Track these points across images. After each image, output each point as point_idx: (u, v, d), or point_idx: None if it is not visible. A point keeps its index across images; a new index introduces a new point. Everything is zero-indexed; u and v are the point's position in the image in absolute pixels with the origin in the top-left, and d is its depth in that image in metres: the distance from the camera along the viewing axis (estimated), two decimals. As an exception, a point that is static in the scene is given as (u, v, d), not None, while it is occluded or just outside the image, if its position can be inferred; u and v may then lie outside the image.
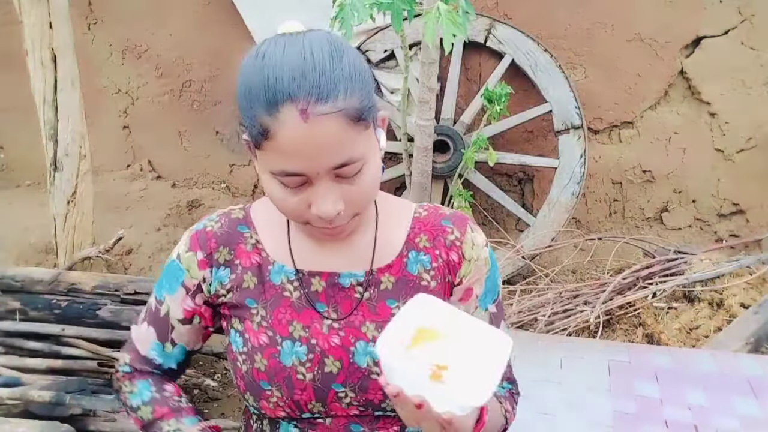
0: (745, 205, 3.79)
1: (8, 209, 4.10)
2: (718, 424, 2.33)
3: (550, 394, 2.54)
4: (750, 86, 3.61)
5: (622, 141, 3.88)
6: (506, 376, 1.02)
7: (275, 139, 0.79)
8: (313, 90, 0.77)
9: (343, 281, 0.94)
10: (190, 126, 4.50)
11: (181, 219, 4.21)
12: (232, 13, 4.00)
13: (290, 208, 0.85)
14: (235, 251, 0.96)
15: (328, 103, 0.78)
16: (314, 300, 0.93)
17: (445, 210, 1.00)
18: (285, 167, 0.81)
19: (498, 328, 0.98)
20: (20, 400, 2.36)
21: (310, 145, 0.78)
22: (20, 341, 2.66)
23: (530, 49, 3.61)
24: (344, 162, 0.80)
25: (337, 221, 0.85)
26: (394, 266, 0.95)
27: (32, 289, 2.80)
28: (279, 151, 0.80)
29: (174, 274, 0.97)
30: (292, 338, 0.92)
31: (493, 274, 0.99)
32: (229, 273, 0.95)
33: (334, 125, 0.78)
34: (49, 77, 2.97)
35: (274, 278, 0.94)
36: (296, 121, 0.77)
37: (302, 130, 0.78)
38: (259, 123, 0.80)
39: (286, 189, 0.83)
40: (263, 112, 0.79)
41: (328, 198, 0.82)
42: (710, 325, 3.07)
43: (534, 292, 3.44)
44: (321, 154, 0.79)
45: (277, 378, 0.91)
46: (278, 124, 0.78)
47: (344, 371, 0.91)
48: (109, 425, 2.40)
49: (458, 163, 3.62)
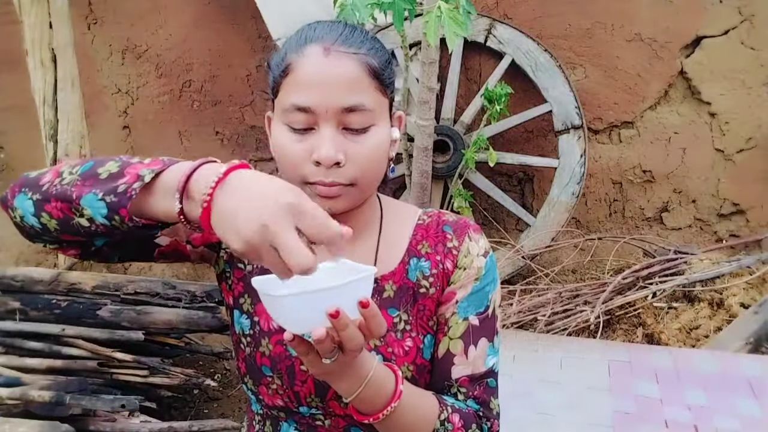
0: (745, 205, 3.79)
1: (8, 209, 4.10)
2: (718, 424, 2.34)
3: (550, 394, 2.54)
4: (750, 86, 3.61)
5: (622, 141, 3.88)
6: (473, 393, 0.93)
7: (295, 71, 0.84)
8: (340, 37, 0.85)
9: None
10: (190, 126, 4.49)
11: (181, 219, 4.20)
12: (232, 13, 3.99)
13: (292, 157, 0.85)
14: None
15: (351, 47, 0.84)
16: None
17: (449, 216, 0.98)
18: (297, 100, 0.83)
19: (475, 344, 0.93)
20: (20, 400, 2.36)
21: (326, 79, 0.82)
22: (20, 341, 2.66)
23: (530, 49, 3.61)
24: (354, 105, 0.83)
25: (334, 176, 0.84)
26: (397, 273, 0.94)
27: (32, 289, 2.80)
28: (295, 84, 0.83)
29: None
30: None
31: (483, 285, 0.94)
32: None
33: (351, 65, 0.83)
34: (49, 77, 2.98)
35: None
36: (318, 54, 0.83)
37: (322, 64, 0.83)
38: (285, 62, 0.85)
39: (293, 134, 0.85)
40: (291, 52, 0.85)
41: (330, 143, 0.83)
42: (710, 325, 3.07)
43: (534, 292, 3.44)
44: (334, 89, 0.82)
45: (280, 365, 0.91)
46: (302, 58, 0.84)
47: None
48: (109, 425, 2.40)
49: (458, 163, 3.62)
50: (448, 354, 0.93)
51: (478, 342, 0.93)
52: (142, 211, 0.72)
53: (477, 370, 0.93)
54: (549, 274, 3.57)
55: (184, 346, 2.82)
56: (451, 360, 0.93)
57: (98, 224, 0.74)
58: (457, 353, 0.93)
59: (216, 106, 4.42)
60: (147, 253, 0.90)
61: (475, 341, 0.93)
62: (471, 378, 0.93)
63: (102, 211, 0.73)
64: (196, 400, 2.90)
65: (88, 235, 0.77)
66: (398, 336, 0.91)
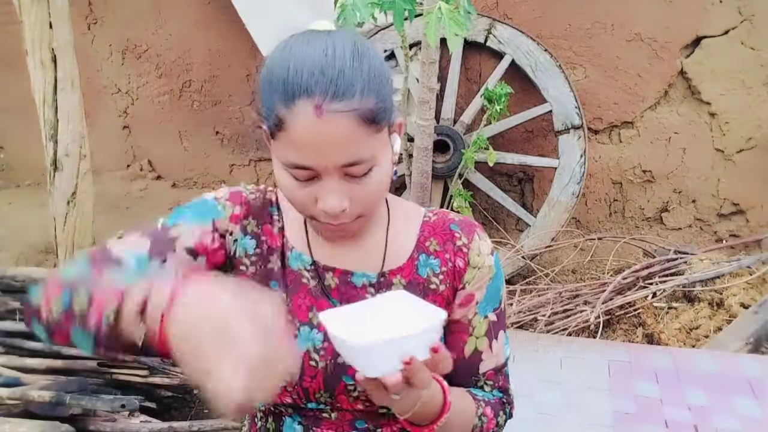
0: (745, 205, 3.79)
1: (8, 209, 4.10)
2: (718, 424, 2.34)
3: (550, 394, 2.54)
4: (750, 86, 3.61)
5: (622, 141, 3.88)
6: (498, 384, 1.01)
7: (288, 131, 0.81)
8: (330, 87, 0.79)
9: (356, 281, 0.95)
10: (190, 126, 4.50)
11: (181, 219, 4.20)
12: (232, 13, 3.99)
13: (298, 201, 0.87)
14: (263, 228, 0.97)
15: (342, 101, 0.79)
16: (328, 294, 0.95)
17: (454, 215, 1.01)
18: (296, 160, 0.82)
19: (496, 338, 0.99)
20: (20, 400, 2.36)
21: (321, 141, 0.80)
22: (20, 341, 2.66)
23: (530, 49, 3.61)
24: (353, 161, 0.82)
25: (342, 219, 0.86)
26: (405, 269, 0.96)
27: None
28: (291, 144, 0.82)
29: (208, 208, 0.95)
30: (311, 324, 0.93)
31: (495, 282, 0.99)
32: (255, 245, 0.96)
33: (346, 124, 0.80)
34: (49, 77, 2.97)
35: (292, 264, 0.96)
36: (310, 116, 0.79)
37: (315, 126, 0.79)
38: (275, 113, 0.82)
39: (296, 181, 0.85)
40: (280, 103, 0.81)
41: (334, 194, 0.83)
42: (710, 325, 3.07)
43: (534, 292, 3.44)
44: (331, 151, 0.81)
45: None
46: (293, 117, 0.80)
47: None
48: (109, 425, 2.40)
49: (458, 163, 3.62)
50: (476, 353, 0.99)
51: (498, 335, 1.00)
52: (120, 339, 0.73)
53: (500, 362, 1.01)
54: (549, 274, 3.57)
55: (184, 346, 2.81)
56: (480, 357, 0.99)
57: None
58: (483, 350, 0.99)
59: (216, 106, 4.42)
60: None
61: (496, 335, 1.00)
62: (495, 370, 1.00)
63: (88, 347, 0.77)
64: (196, 400, 2.90)
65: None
66: None
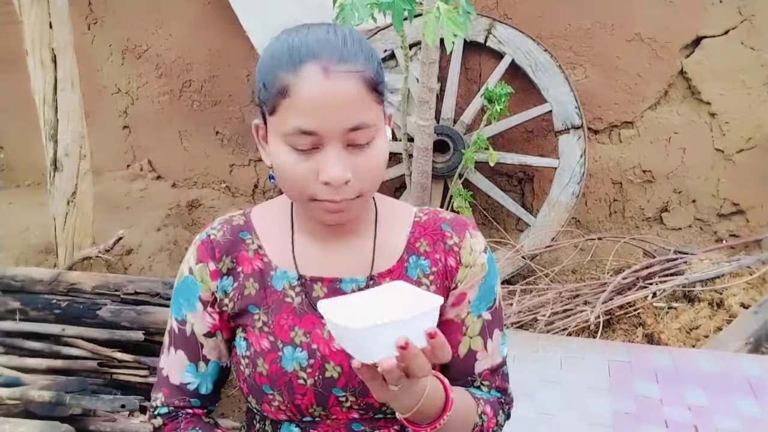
0: (745, 205, 3.78)
1: (8, 209, 4.10)
2: (718, 424, 2.34)
3: (550, 394, 2.54)
4: (750, 86, 3.61)
5: (622, 141, 3.88)
6: (495, 384, 1.00)
7: (295, 94, 0.81)
8: (336, 52, 0.82)
9: (345, 287, 0.94)
10: (190, 126, 4.49)
11: (181, 219, 4.20)
12: (232, 13, 3.99)
13: (298, 178, 0.85)
14: (237, 258, 0.95)
15: (348, 63, 0.82)
16: (316, 306, 0.93)
17: (446, 214, 1.00)
18: (301, 124, 0.81)
19: (491, 337, 0.98)
20: (20, 400, 2.36)
21: (329, 101, 0.80)
22: (20, 341, 2.66)
23: (530, 49, 3.61)
24: (359, 124, 0.82)
25: (343, 194, 0.84)
26: (395, 271, 0.95)
27: (32, 289, 2.80)
28: (296, 108, 0.81)
29: (190, 290, 0.96)
30: (293, 344, 0.92)
31: (489, 281, 0.97)
32: (232, 282, 0.95)
33: (353, 84, 0.82)
34: (49, 77, 2.97)
35: (276, 284, 0.94)
36: (318, 76, 0.80)
37: (323, 86, 0.80)
38: (279, 81, 0.82)
39: (297, 154, 0.84)
40: (285, 69, 0.82)
41: (338, 163, 0.83)
42: (710, 325, 3.07)
43: (534, 292, 3.44)
44: (338, 112, 0.81)
45: (279, 383, 0.91)
46: (299, 80, 0.81)
47: (345, 376, 0.91)
48: (109, 425, 2.40)
49: (458, 163, 3.62)
50: (470, 352, 0.98)
51: (492, 334, 0.99)
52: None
53: (495, 362, 1.00)
54: (549, 274, 3.57)
55: (184, 346, 2.81)
56: (474, 357, 0.98)
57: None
58: (478, 350, 0.98)
59: (216, 106, 4.42)
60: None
61: (491, 334, 0.98)
62: (492, 370, 0.99)
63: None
64: (196, 400, 2.90)
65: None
66: None
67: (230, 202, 4.38)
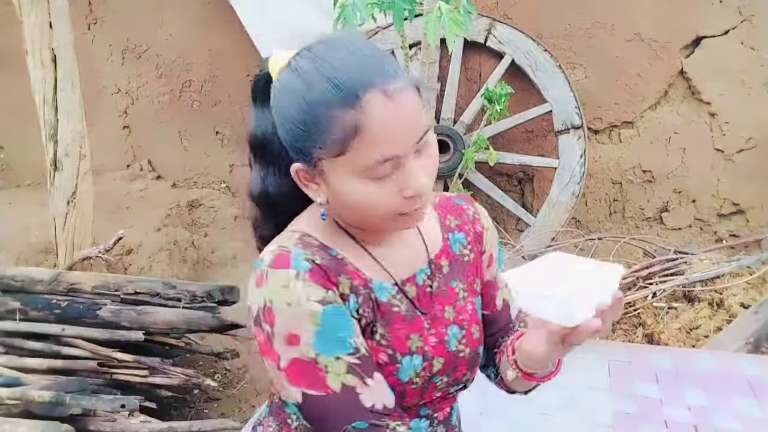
0: (745, 205, 3.78)
1: (8, 209, 4.10)
2: (718, 424, 2.33)
3: (550, 394, 2.54)
4: (750, 86, 3.61)
5: (622, 141, 3.88)
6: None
7: (366, 129, 0.78)
8: (383, 72, 0.80)
9: (419, 280, 0.95)
10: (190, 126, 4.50)
11: (181, 219, 4.20)
12: (232, 13, 3.99)
13: (382, 204, 0.82)
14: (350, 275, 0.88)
15: (399, 79, 0.81)
16: (418, 307, 0.93)
17: (450, 194, 1.08)
18: (381, 153, 0.79)
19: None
20: (20, 400, 2.36)
21: (400, 123, 0.80)
22: (20, 341, 2.66)
23: (530, 49, 3.61)
24: (425, 131, 0.83)
25: (426, 197, 0.85)
26: (444, 250, 1.00)
27: (32, 289, 2.80)
28: (373, 141, 0.78)
29: (339, 316, 0.84)
30: (410, 352, 0.90)
31: (495, 235, 1.09)
32: (356, 298, 0.88)
33: (411, 97, 0.82)
34: (49, 77, 2.97)
35: (381, 296, 0.90)
36: (383, 103, 0.78)
37: (390, 110, 0.79)
38: (341, 124, 0.78)
39: (377, 183, 0.81)
40: (344, 109, 0.78)
41: (421, 173, 0.83)
42: (710, 325, 3.07)
43: (534, 292, 3.43)
44: (410, 129, 0.81)
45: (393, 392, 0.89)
46: (365, 114, 0.78)
47: (445, 364, 0.94)
48: (109, 425, 2.40)
49: (458, 163, 3.62)
50: (505, 303, 1.08)
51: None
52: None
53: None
54: (549, 274, 3.56)
55: (184, 346, 2.81)
56: (509, 305, 1.08)
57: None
58: (509, 298, 1.08)
59: (216, 106, 4.42)
60: None
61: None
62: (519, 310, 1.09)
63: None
64: (196, 400, 2.90)
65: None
66: (462, 303, 0.99)
67: (230, 202, 4.39)
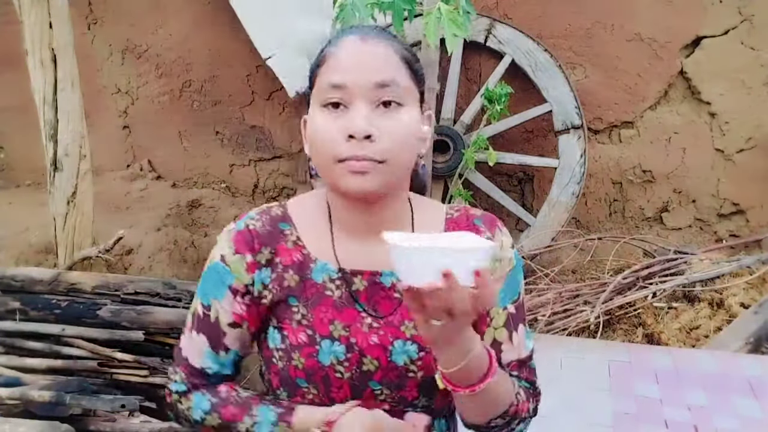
0: (745, 205, 3.78)
1: (8, 209, 4.10)
2: (718, 424, 2.33)
3: (550, 394, 2.53)
4: (750, 86, 3.61)
5: (622, 141, 3.88)
6: (523, 376, 1.02)
7: (331, 57, 0.90)
8: (375, 31, 0.93)
9: (385, 280, 0.94)
10: (190, 126, 4.49)
11: (181, 219, 4.20)
12: (232, 13, 3.99)
13: (328, 137, 0.88)
14: (276, 249, 0.95)
15: (386, 38, 0.92)
16: (356, 298, 0.94)
17: (476, 211, 1.02)
18: (332, 78, 0.88)
19: (516, 330, 0.99)
20: (20, 400, 2.36)
21: (361, 57, 0.88)
22: (20, 341, 2.66)
23: (530, 49, 3.61)
24: (387, 80, 0.88)
25: (366, 150, 0.86)
26: None
27: (32, 289, 2.80)
28: (331, 67, 0.89)
29: (220, 278, 0.95)
30: (332, 337, 0.92)
31: (515, 274, 0.99)
32: (270, 272, 0.95)
33: (386, 46, 0.90)
34: (49, 77, 2.97)
35: (315, 276, 0.94)
36: (355, 41, 0.90)
37: (357, 47, 0.89)
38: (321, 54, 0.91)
39: (328, 113, 0.88)
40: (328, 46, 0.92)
41: (363, 117, 0.86)
42: (710, 325, 3.07)
43: (534, 292, 3.43)
44: (367, 67, 0.88)
45: (315, 377, 0.92)
46: (337, 47, 0.90)
47: (382, 369, 0.92)
48: (109, 425, 2.40)
49: (458, 163, 3.62)
50: (495, 343, 0.98)
51: (518, 327, 1.00)
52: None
53: (522, 355, 1.00)
54: (549, 274, 3.57)
55: (184, 346, 2.81)
56: (500, 348, 0.98)
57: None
58: (503, 341, 0.98)
59: (216, 106, 4.42)
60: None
61: (516, 327, 0.99)
62: (519, 363, 1.00)
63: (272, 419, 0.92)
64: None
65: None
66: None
67: (230, 202, 4.38)
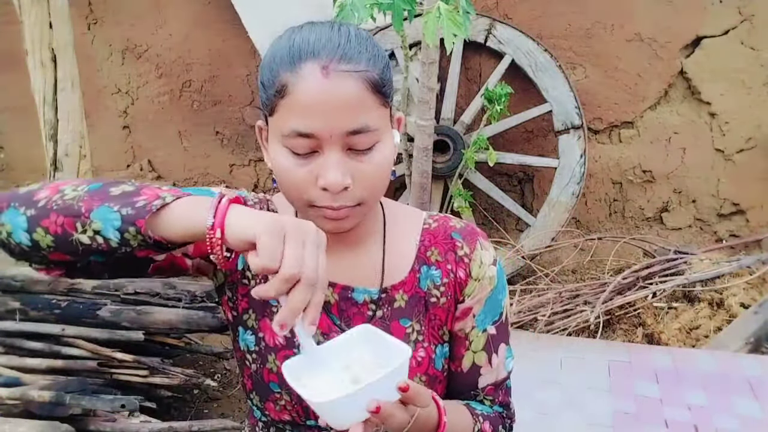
0: (745, 205, 3.79)
1: (8, 209, 4.10)
2: (718, 424, 2.34)
3: (550, 394, 2.54)
4: (750, 86, 3.61)
5: (622, 141, 3.88)
6: (498, 399, 0.97)
7: (292, 94, 0.77)
8: (338, 51, 0.77)
9: (357, 297, 0.90)
10: (190, 126, 4.50)
11: (181, 219, 4.20)
12: (232, 13, 4.00)
13: (296, 182, 0.80)
14: None
15: (350, 63, 0.77)
16: (327, 310, 0.90)
17: (456, 222, 0.96)
18: (298, 126, 0.77)
19: (496, 352, 0.95)
20: (20, 400, 2.36)
21: (328, 102, 0.76)
22: (20, 341, 2.66)
23: (530, 49, 3.61)
24: (359, 127, 0.77)
25: (343, 200, 0.80)
26: (408, 283, 0.92)
27: (32, 289, 2.80)
28: (294, 108, 0.77)
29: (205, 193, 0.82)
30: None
31: (496, 294, 0.94)
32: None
33: (354, 85, 0.77)
34: (49, 77, 2.97)
35: None
36: (317, 76, 0.76)
37: (321, 85, 0.76)
38: (278, 80, 0.78)
39: (295, 158, 0.79)
40: (284, 69, 0.77)
41: (337, 168, 0.78)
42: (710, 325, 3.07)
43: (534, 292, 3.43)
44: (337, 114, 0.76)
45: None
46: (298, 79, 0.76)
47: None
48: (109, 425, 2.40)
49: (458, 163, 3.62)
50: (474, 367, 0.95)
51: (498, 349, 0.96)
52: (154, 230, 0.72)
53: (500, 377, 0.97)
54: (549, 274, 3.57)
55: (184, 346, 2.81)
56: (478, 371, 0.95)
57: (102, 241, 0.72)
58: (482, 365, 0.95)
59: (216, 106, 4.42)
60: (141, 268, 0.85)
61: (496, 349, 0.96)
62: (495, 385, 0.97)
63: (115, 223, 0.71)
64: (196, 400, 2.90)
65: (84, 253, 0.74)
66: (411, 347, 0.88)
67: (230, 202, 4.38)
